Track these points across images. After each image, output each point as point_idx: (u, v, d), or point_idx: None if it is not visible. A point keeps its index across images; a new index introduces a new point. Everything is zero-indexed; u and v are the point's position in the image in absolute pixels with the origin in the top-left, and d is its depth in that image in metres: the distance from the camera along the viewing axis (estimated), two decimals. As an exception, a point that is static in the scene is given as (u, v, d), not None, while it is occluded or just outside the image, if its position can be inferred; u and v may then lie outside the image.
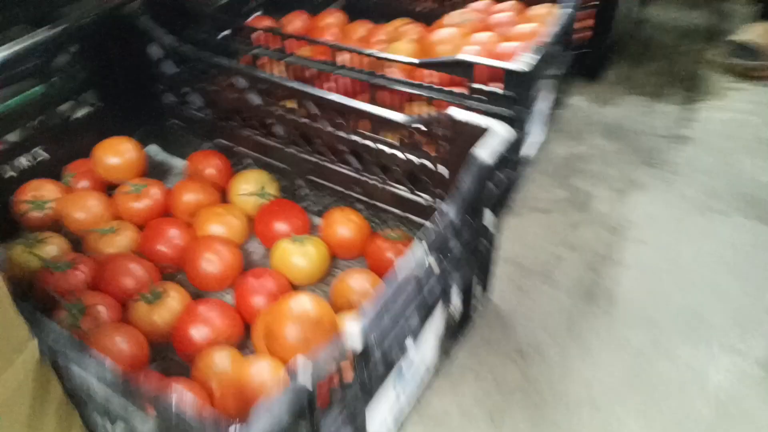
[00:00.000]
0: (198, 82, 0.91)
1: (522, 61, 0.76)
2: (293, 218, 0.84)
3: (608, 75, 1.30)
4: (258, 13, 1.27)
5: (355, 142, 0.78)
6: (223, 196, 0.92)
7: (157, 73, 0.94)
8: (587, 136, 1.13)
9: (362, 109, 0.74)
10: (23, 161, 0.88)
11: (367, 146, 0.78)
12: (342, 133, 0.79)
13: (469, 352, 0.75)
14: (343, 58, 0.88)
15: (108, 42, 0.93)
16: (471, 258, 0.68)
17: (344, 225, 0.82)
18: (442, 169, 0.74)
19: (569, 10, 0.92)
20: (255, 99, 0.85)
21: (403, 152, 0.75)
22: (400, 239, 0.79)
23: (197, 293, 0.79)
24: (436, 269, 0.57)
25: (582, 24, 1.21)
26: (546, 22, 1.02)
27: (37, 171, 0.90)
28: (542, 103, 0.93)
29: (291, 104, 0.96)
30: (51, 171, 0.91)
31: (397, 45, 1.03)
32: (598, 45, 1.24)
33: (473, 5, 1.11)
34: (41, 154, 0.90)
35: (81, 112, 0.94)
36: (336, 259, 0.84)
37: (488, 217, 0.68)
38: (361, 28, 1.20)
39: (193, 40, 1.00)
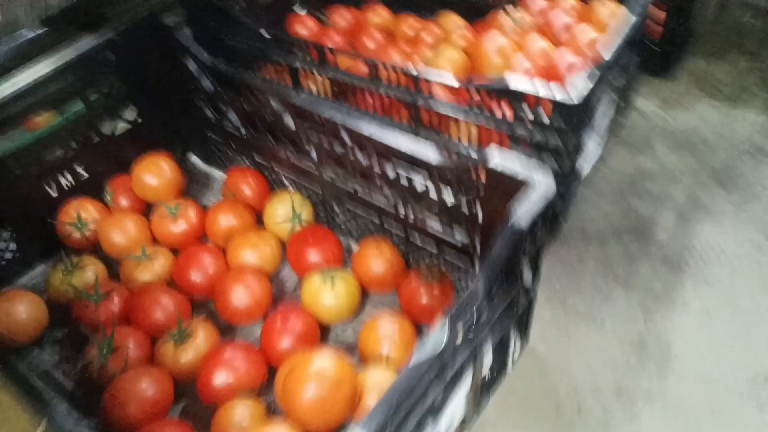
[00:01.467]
0: (234, 101, 0.88)
1: (573, 91, 0.68)
2: (326, 248, 0.81)
3: (681, 71, 1.18)
4: (303, 11, 1.22)
5: (387, 174, 0.74)
6: (258, 216, 0.90)
7: (195, 88, 0.92)
8: (652, 147, 1.03)
9: (392, 147, 0.69)
10: (64, 180, 0.89)
11: (398, 182, 0.73)
12: (375, 166, 0.74)
13: (501, 406, 0.71)
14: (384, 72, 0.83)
15: (146, 55, 0.91)
16: (506, 317, 0.63)
17: (377, 259, 0.78)
18: (479, 210, 0.68)
19: (637, 17, 0.82)
20: (289, 122, 0.82)
21: (436, 189, 0.70)
22: (435, 279, 0.75)
23: (227, 326, 0.79)
24: (463, 340, 0.53)
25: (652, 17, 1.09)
26: (609, 26, 0.92)
27: (80, 189, 0.91)
28: (601, 113, 0.85)
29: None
30: (93, 188, 0.92)
31: (444, 53, 0.96)
32: (669, 40, 1.12)
33: (528, 3, 1.01)
34: (81, 172, 0.91)
35: (121, 127, 0.94)
36: (369, 292, 0.81)
37: (526, 277, 0.62)
38: (408, 27, 1.13)
39: (233, 49, 0.98)
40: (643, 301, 0.81)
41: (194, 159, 1.05)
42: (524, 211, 0.56)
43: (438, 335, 0.49)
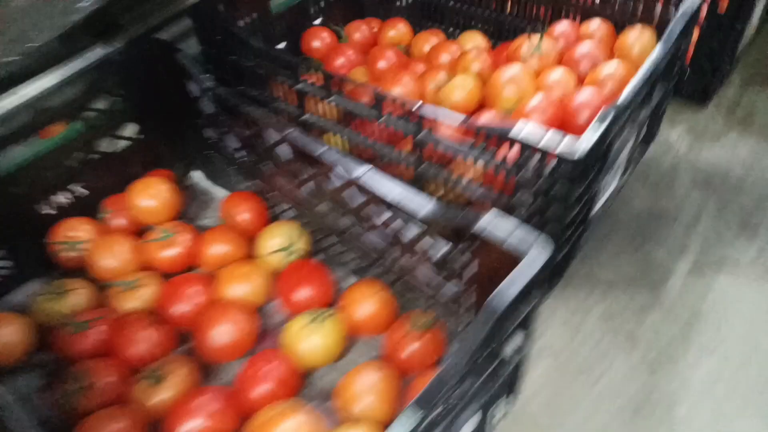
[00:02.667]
0: (233, 125, 0.85)
1: (580, 144, 0.64)
2: (316, 285, 0.79)
3: (717, 98, 1.10)
4: (318, 21, 1.19)
5: (378, 218, 0.70)
6: (254, 243, 0.87)
7: (197, 108, 0.90)
8: (676, 185, 0.96)
9: (383, 194, 0.66)
10: (61, 198, 0.88)
11: (391, 227, 0.69)
12: (366, 208, 0.71)
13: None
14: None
15: (148, 72, 0.89)
16: (488, 387, 0.59)
17: (366, 302, 0.75)
18: (471, 268, 0.64)
19: (666, 49, 0.76)
20: (285, 153, 0.79)
21: (426, 241, 0.66)
22: (426, 328, 0.72)
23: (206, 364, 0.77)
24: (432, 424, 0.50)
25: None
26: (637, 57, 0.87)
27: (76, 207, 0.90)
28: (619, 147, 0.79)
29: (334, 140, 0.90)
30: (90, 206, 0.91)
31: (457, 80, 0.91)
32: (701, 63, 1.05)
33: (555, 28, 0.95)
34: (79, 190, 0.90)
35: (120, 145, 0.92)
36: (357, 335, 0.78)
37: (513, 346, 0.58)
38: (427, 43, 1.09)
39: (241, 68, 0.95)
40: (646, 358, 0.76)
41: (198, 176, 1.03)
42: (511, 286, 0.52)
43: (403, 425, 0.46)
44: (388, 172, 0.85)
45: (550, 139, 0.65)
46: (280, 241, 0.83)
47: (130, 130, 0.93)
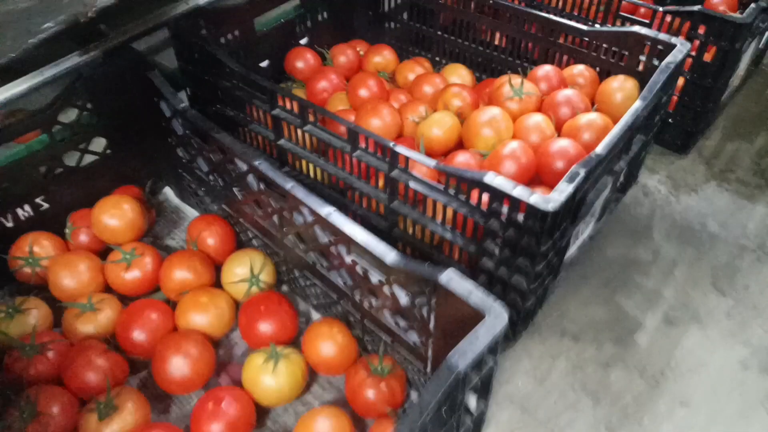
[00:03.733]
0: (203, 148, 0.83)
1: (552, 196, 0.63)
2: (279, 318, 0.77)
3: (698, 147, 1.10)
4: (304, 41, 1.17)
5: (343, 258, 0.69)
6: (218, 270, 0.85)
7: (168, 128, 0.88)
8: (650, 234, 0.96)
9: (349, 236, 0.64)
10: (21, 212, 0.85)
11: (354, 269, 0.68)
12: (333, 247, 0.70)
13: None
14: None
15: (120, 86, 0.87)
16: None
17: (327, 342, 0.74)
18: (432, 319, 0.63)
19: (645, 103, 0.75)
20: (252, 183, 0.77)
21: (390, 287, 0.65)
22: (385, 372, 0.70)
23: (164, 393, 0.75)
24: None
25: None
26: (617, 107, 0.86)
27: (40, 221, 0.87)
28: (594, 196, 0.79)
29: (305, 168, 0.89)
30: (54, 220, 0.88)
31: (436, 116, 0.90)
32: (684, 114, 1.05)
33: (538, 70, 0.94)
34: (43, 203, 0.87)
35: (89, 160, 0.90)
36: (316, 374, 0.77)
37: (470, 407, 0.57)
38: (411, 72, 1.08)
39: (218, 87, 0.93)
40: (609, 416, 0.75)
41: (168, 192, 1.01)
42: (468, 350, 0.50)
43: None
44: (362, 203, 0.85)
45: (519, 193, 0.64)
46: (245, 271, 0.81)
47: (99, 144, 0.90)
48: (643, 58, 0.89)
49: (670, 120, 1.06)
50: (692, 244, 0.94)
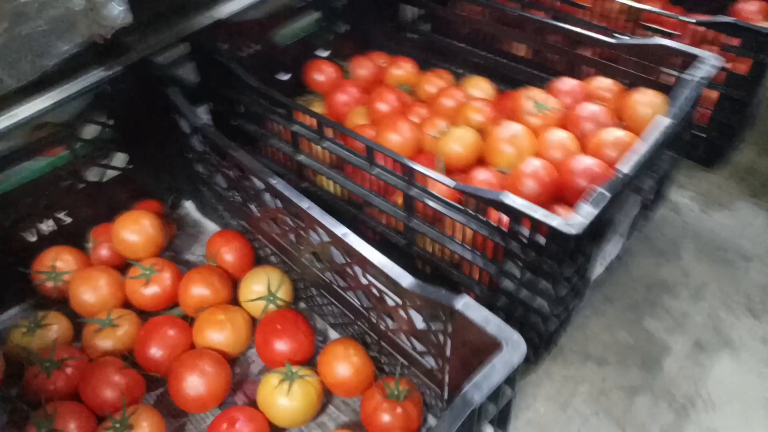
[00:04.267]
0: (221, 165, 0.83)
1: (574, 218, 0.61)
2: (296, 337, 0.76)
3: (728, 163, 1.06)
4: (325, 54, 1.17)
5: (359, 279, 0.68)
6: (236, 286, 0.85)
7: (187, 144, 0.88)
8: (680, 253, 0.92)
9: (365, 257, 0.63)
10: (44, 226, 0.86)
11: (370, 291, 0.67)
12: (349, 267, 0.68)
13: None
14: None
15: (140, 102, 0.87)
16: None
17: (343, 363, 0.72)
18: (448, 344, 0.61)
19: (673, 118, 0.73)
20: (269, 201, 0.77)
21: (405, 310, 0.63)
22: (402, 396, 0.69)
23: (180, 410, 0.74)
24: None
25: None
26: (644, 122, 0.83)
27: (62, 235, 0.88)
28: (622, 214, 0.76)
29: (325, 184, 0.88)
30: (75, 235, 0.89)
31: (456, 132, 0.88)
32: (717, 128, 1.01)
33: (562, 84, 0.92)
34: (64, 218, 0.88)
35: (110, 175, 0.91)
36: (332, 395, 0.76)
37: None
38: (431, 85, 1.06)
39: (238, 102, 0.93)
40: (635, 445, 0.72)
41: (188, 206, 1.02)
42: (484, 383, 0.49)
43: None
44: (380, 221, 0.84)
45: (541, 215, 0.62)
46: (262, 288, 0.81)
47: (120, 159, 0.91)
48: (670, 71, 0.86)
49: (701, 134, 1.02)
50: (724, 264, 0.90)
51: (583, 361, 0.80)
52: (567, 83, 0.91)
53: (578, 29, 0.93)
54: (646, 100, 0.84)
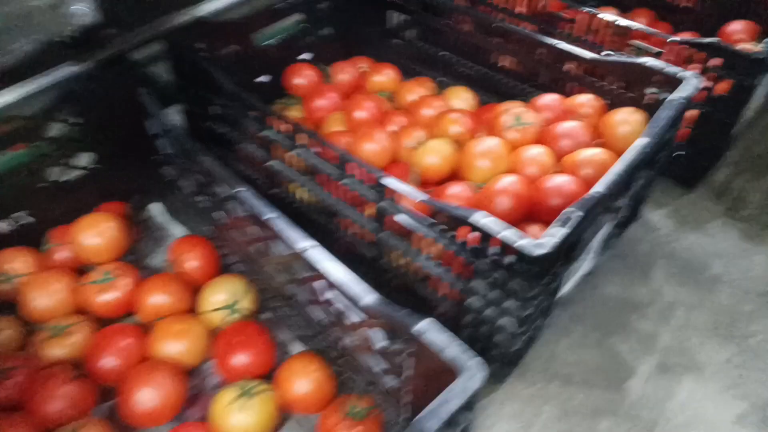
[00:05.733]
0: (188, 169, 0.81)
1: (543, 239, 0.59)
2: (255, 350, 0.74)
3: (706, 182, 1.06)
4: (306, 56, 1.14)
5: (321, 294, 0.66)
6: (200, 293, 0.83)
7: (156, 146, 0.85)
8: (651, 272, 0.92)
9: (326, 273, 0.61)
10: (4, 225, 0.83)
11: (331, 307, 0.65)
12: (311, 281, 0.66)
13: None
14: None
15: (106, 102, 0.85)
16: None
17: (303, 379, 0.71)
18: (408, 365, 0.59)
19: (651, 139, 0.72)
20: (234, 208, 0.74)
21: (367, 329, 0.62)
22: (362, 416, 0.67)
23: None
24: None
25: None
26: (622, 140, 0.82)
27: (21, 236, 0.85)
28: (593, 233, 0.75)
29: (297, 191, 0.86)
30: (36, 236, 0.86)
31: (432, 144, 0.87)
32: (695, 148, 1.00)
33: (541, 99, 0.91)
34: (25, 218, 0.85)
35: (74, 174, 0.88)
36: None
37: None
38: (412, 93, 1.05)
39: (211, 103, 0.91)
40: (598, 469, 0.71)
41: (156, 209, 0.99)
42: (439, 411, 0.47)
43: None
44: (351, 232, 0.82)
45: (508, 236, 0.61)
46: (225, 297, 0.79)
47: (86, 158, 0.88)
48: (652, 90, 0.85)
49: (679, 153, 1.01)
50: (694, 285, 0.90)
51: (549, 380, 0.79)
52: (548, 98, 0.90)
53: (563, 43, 0.92)
54: (626, 119, 0.84)
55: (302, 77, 1.09)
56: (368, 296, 0.58)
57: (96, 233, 0.83)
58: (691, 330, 0.84)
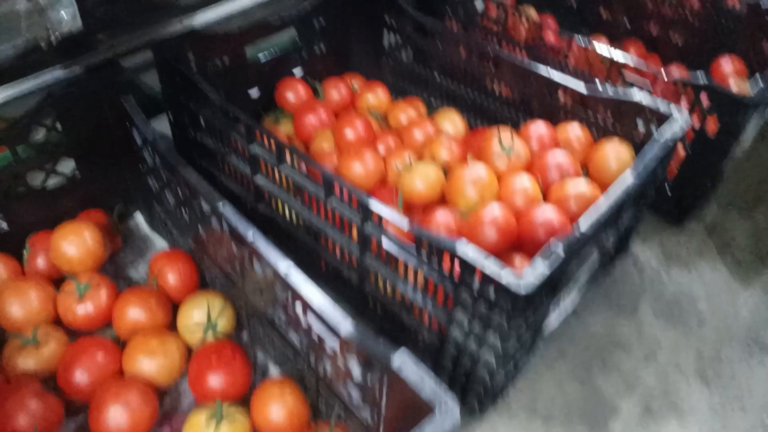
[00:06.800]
0: (171, 182, 0.79)
1: (526, 277, 0.58)
2: (231, 372, 0.72)
3: (695, 219, 1.05)
4: (298, 71, 1.13)
5: (300, 321, 0.64)
6: (177, 309, 0.81)
7: (139, 156, 0.84)
8: (637, 310, 0.91)
9: (306, 299, 0.60)
10: (-21, 230, 0.82)
11: (310, 332, 0.63)
12: (290, 307, 0.65)
13: None
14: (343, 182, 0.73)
15: (91, 109, 0.83)
16: None
17: (278, 406, 0.68)
18: (384, 399, 0.58)
19: (636, 179, 0.71)
20: (215, 225, 0.73)
21: (344, 359, 0.60)
22: (334, 445, 0.66)
23: (99, 442, 0.70)
24: None
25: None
26: (610, 174, 0.82)
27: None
28: (578, 268, 0.74)
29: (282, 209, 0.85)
30: (13, 242, 0.84)
31: (420, 168, 0.86)
32: (682, 188, 1.00)
33: (530, 127, 0.90)
34: (3, 225, 0.83)
35: (55, 180, 0.86)
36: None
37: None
38: (403, 114, 1.04)
39: (200, 115, 0.89)
40: None
41: (138, 219, 0.97)
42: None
43: None
44: (334, 254, 0.81)
45: (490, 269, 0.60)
46: (202, 315, 0.77)
47: (67, 165, 0.86)
48: (641, 125, 0.85)
49: (667, 189, 1.01)
50: (679, 325, 0.89)
51: (530, 417, 0.77)
52: (538, 127, 0.89)
53: (556, 73, 0.92)
54: (614, 153, 0.83)
55: (293, 93, 1.08)
56: (345, 324, 0.57)
57: (75, 242, 0.81)
58: (675, 371, 0.83)
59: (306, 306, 0.61)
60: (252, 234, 0.66)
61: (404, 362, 0.51)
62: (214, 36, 0.98)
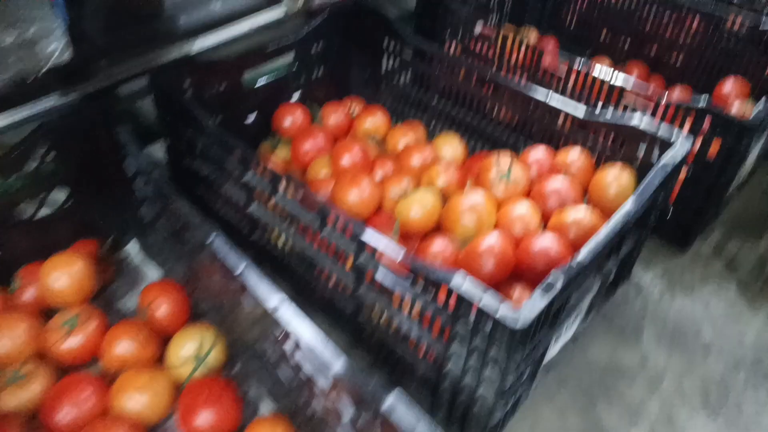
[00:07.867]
0: (163, 212, 0.78)
1: (524, 312, 0.57)
2: (221, 409, 0.70)
3: (698, 243, 1.03)
4: (296, 96, 1.13)
5: (289, 357, 0.62)
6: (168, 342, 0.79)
7: (133, 186, 0.83)
8: (639, 336, 0.89)
9: (295, 335, 0.58)
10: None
11: (300, 370, 0.61)
12: (281, 342, 0.63)
13: None
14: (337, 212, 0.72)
15: (85, 138, 0.82)
16: None
17: (269, 444, 0.66)
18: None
19: (636, 207, 0.69)
20: (209, 257, 0.71)
21: (334, 400, 0.58)
22: (327, 485, 0.63)
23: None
24: None
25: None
26: (611, 200, 0.80)
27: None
28: (578, 296, 0.72)
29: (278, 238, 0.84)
30: (7, 273, 0.83)
31: (417, 195, 0.84)
32: (688, 208, 0.98)
33: (530, 153, 0.89)
34: (-9, 253, 0.82)
35: (48, 210, 0.85)
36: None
37: None
38: (402, 138, 1.03)
39: (195, 142, 0.89)
40: None
41: (133, 249, 0.96)
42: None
43: None
44: (329, 284, 0.79)
45: (486, 303, 0.58)
46: (193, 348, 0.75)
47: (61, 194, 0.85)
48: (643, 150, 0.84)
49: (669, 213, 0.99)
50: (684, 352, 0.87)
51: (530, 450, 0.75)
52: (539, 152, 0.88)
53: (556, 98, 0.90)
54: (615, 179, 0.82)
55: (291, 118, 1.07)
56: (337, 363, 0.55)
57: (64, 274, 0.79)
58: (679, 400, 0.81)
59: (296, 343, 0.59)
60: (243, 267, 0.64)
61: (397, 403, 0.50)
62: (212, 62, 0.97)
